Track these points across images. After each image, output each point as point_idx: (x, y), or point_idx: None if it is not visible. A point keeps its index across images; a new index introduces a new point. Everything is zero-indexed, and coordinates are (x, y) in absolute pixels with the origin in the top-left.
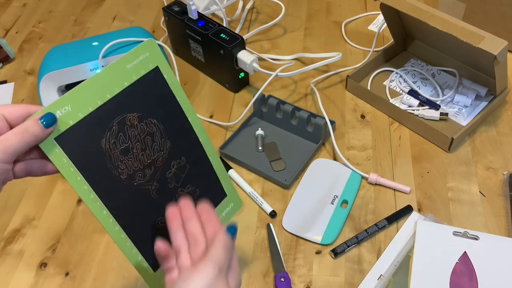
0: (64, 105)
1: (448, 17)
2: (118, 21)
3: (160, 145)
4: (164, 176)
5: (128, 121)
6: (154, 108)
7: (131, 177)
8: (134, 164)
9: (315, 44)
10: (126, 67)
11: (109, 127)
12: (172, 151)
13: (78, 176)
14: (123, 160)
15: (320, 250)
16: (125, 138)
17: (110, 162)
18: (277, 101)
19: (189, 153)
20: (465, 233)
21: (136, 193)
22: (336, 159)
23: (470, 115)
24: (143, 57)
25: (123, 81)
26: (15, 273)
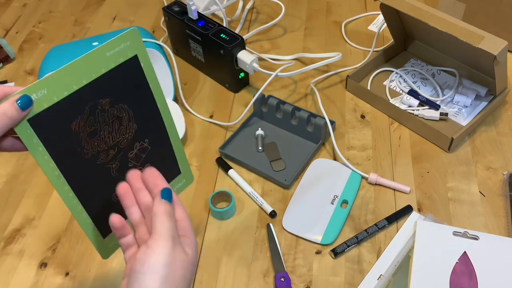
0: (40, 89)
1: (448, 17)
2: (118, 21)
3: (127, 128)
4: (126, 156)
5: (99, 106)
6: (126, 94)
7: (95, 157)
8: (100, 146)
9: (315, 44)
10: (105, 55)
11: (80, 111)
12: (137, 134)
13: (46, 155)
14: (89, 142)
15: (320, 250)
16: (94, 122)
17: (77, 143)
18: (277, 101)
19: (152, 136)
20: (465, 233)
21: (97, 171)
22: (336, 159)
23: (470, 115)
24: (124, 45)
25: (101, 67)
26: (15, 273)
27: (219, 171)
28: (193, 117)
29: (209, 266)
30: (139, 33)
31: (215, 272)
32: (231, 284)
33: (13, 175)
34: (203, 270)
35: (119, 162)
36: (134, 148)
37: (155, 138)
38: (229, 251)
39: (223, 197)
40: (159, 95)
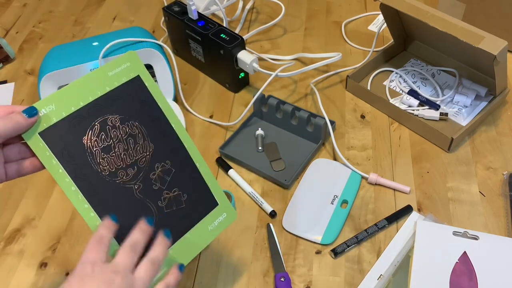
0: (49, 104)
1: (448, 17)
2: (118, 21)
3: (143, 147)
4: (148, 177)
5: (109, 122)
6: (135, 112)
7: (113, 175)
8: (117, 162)
9: (315, 44)
10: (107, 74)
11: (90, 126)
12: (156, 154)
13: (60, 168)
14: (105, 158)
15: (320, 250)
16: (107, 137)
17: (91, 157)
18: (277, 101)
19: (174, 158)
20: (465, 233)
21: (118, 190)
22: (336, 159)
23: (470, 115)
24: (124, 66)
25: (105, 86)
26: (16, 273)
27: (219, 171)
28: (193, 117)
29: (209, 266)
30: (137, 55)
31: (215, 272)
32: (231, 284)
33: None
34: (203, 270)
35: (141, 183)
36: (156, 169)
37: (177, 160)
38: (229, 251)
39: None
40: (171, 115)
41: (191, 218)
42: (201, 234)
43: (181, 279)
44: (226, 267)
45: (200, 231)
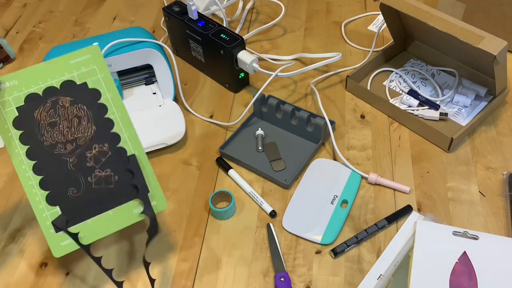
0: (13, 79)
1: (447, 17)
2: (118, 21)
3: (86, 128)
4: (84, 155)
5: (60, 102)
6: (86, 98)
7: (53, 146)
8: (58, 137)
9: (315, 44)
10: (69, 62)
11: (43, 103)
12: (96, 136)
13: (10, 132)
14: (49, 131)
15: (320, 250)
16: (54, 114)
17: (38, 129)
18: (277, 101)
19: (112, 142)
20: (464, 233)
21: (54, 160)
22: (336, 159)
23: (470, 115)
24: (85, 57)
25: (64, 71)
26: (16, 272)
27: (219, 171)
28: (193, 117)
29: (209, 266)
30: (98, 49)
31: (215, 272)
32: (231, 284)
33: (13, 175)
34: (203, 270)
35: (76, 157)
36: (93, 149)
37: (114, 144)
38: (229, 251)
39: (223, 197)
40: (118, 105)
41: (118, 199)
42: (124, 214)
43: (181, 279)
44: (226, 267)
45: (124, 212)
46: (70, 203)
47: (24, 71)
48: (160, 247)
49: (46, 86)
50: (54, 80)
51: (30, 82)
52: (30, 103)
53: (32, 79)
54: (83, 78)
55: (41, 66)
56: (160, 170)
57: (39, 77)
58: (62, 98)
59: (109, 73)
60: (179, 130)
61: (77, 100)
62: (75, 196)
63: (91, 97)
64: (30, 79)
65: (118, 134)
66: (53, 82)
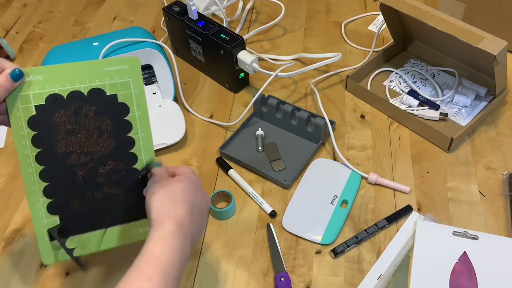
0: (38, 74)
1: (447, 17)
2: (118, 21)
3: (105, 142)
4: (96, 169)
5: (84, 110)
6: (112, 111)
7: (66, 155)
8: (74, 146)
9: (315, 44)
10: (103, 69)
11: (65, 106)
12: (113, 152)
13: (23, 131)
14: (65, 138)
15: (320, 250)
16: (75, 122)
17: (54, 133)
18: (277, 101)
19: (128, 163)
20: (464, 233)
21: (64, 170)
22: (336, 159)
23: (470, 115)
24: (122, 67)
25: (96, 78)
26: (16, 273)
27: (219, 171)
28: (193, 117)
29: (209, 266)
30: (139, 62)
31: (215, 272)
32: (231, 284)
33: (13, 175)
34: (203, 270)
35: (88, 171)
36: (107, 165)
37: (130, 166)
38: (229, 251)
39: (223, 197)
40: (144, 126)
41: (120, 217)
42: (123, 234)
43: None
44: (226, 267)
45: (123, 231)
46: (71, 215)
47: (52, 67)
48: None
49: (72, 90)
50: (82, 84)
51: (56, 81)
52: (51, 105)
53: (59, 78)
54: (114, 89)
55: (72, 66)
56: None
57: (67, 77)
58: (87, 107)
59: (143, 90)
60: (179, 130)
61: (102, 112)
62: (77, 209)
63: (118, 112)
64: (57, 77)
65: (136, 155)
66: (81, 86)
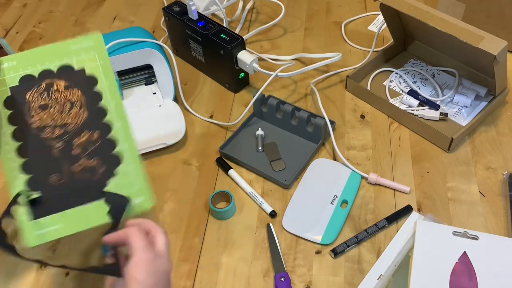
0: (12, 60)
1: (447, 17)
2: (118, 21)
3: (77, 114)
4: (71, 141)
5: (55, 85)
6: (82, 83)
7: (40, 129)
8: (47, 120)
9: (315, 44)
10: (70, 47)
11: (37, 84)
12: (86, 123)
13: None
14: (39, 113)
15: (320, 250)
16: (47, 97)
17: (27, 110)
18: (277, 101)
19: (103, 132)
20: (464, 233)
21: (40, 144)
22: (336, 159)
23: (470, 115)
24: (87, 44)
25: (63, 57)
26: (16, 273)
27: (219, 171)
28: (193, 117)
29: (209, 266)
30: (101, 36)
31: (215, 272)
32: (231, 284)
33: None
34: (203, 270)
35: (63, 143)
36: (81, 136)
37: (105, 134)
38: (229, 251)
39: (223, 197)
40: (113, 95)
41: (101, 191)
42: (104, 208)
43: (181, 279)
44: (226, 267)
45: (104, 205)
46: (51, 190)
47: (23, 53)
48: None
49: (43, 69)
50: (52, 63)
51: (28, 64)
52: (24, 84)
53: (30, 61)
54: (82, 63)
55: (41, 49)
56: (160, 170)
57: (38, 59)
58: (57, 81)
59: (109, 61)
60: (179, 130)
61: (72, 85)
62: (57, 184)
63: (87, 83)
64: (28, 61)
65: (110, 124)
66: (51, 65)
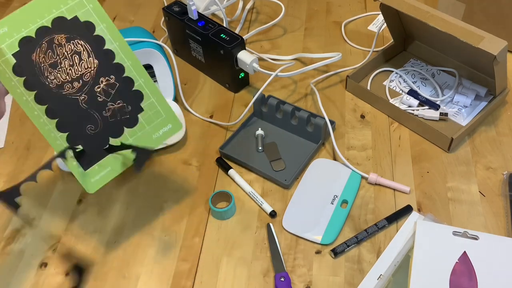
0: (2, 27)
1: (447, 17)
2: (118, 21)
3: (88, 63)
4: (93, 90)
5: (56, 40)
6: (80, 31)
7: (60, 87)
8: (63, 76)
9: (315, 44)
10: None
11: (38, 45)
12: (100, 69)
13: (12, 81)
14: (52, 72)
15: (320, 250)
16: (53, 54)
17: (39, 72)
18: (277, 101)
19: (117, 73)
20: (464, 233)
21: (65, 101)
22: (336, 159)
23: (470, 115)
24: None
25: (52, 9)
26: (16, 273)
27: (219, 171)
28: (193, 117)
29: (209, 266)
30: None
31: (215, 272)
32: (231, 284)
33: (13, 175)
34: (203, 270)
35: (86, 95)
36: (100, 83)
37: (121, 75)
38: (229, 251)
39: (223, 197)
40: (114, 35)
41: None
42: (145, 140)
43: (181, 279)
44: (226, 267)
45: (144, 138)
46: (91, 140)
47: (11, 15)
48: (160, 247)
49: (38, 27)
50: (43, 19)
51: (21, 26)
52: (25, 47)
53: (21, 23)
54: (73, 12)
55: (27, 7)
56: (160, 170)
57: (28, 19)
58: (56, 36)
59: (97, 3)
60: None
61: (72, 36)
62: (94, 133)
63: (85, 30)
64: (19, 23)
65: (121, 64)
66: (43, 21)
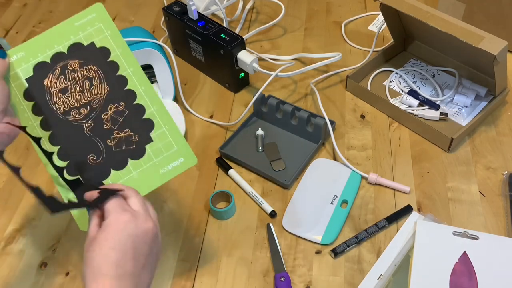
0: (20, 51)
1: (447, 17)
2: (118, 21)
3: (98, 88)
4: (100, 117)
5: (69, 66)
6: (95, 57)
7: (67, 113)
8: (71, 102)
9: (315, 44)
10: (74, 25)
11: (52, 70)
12: (110, 96)
13: (22, 105)
14: (61, 98)
15: (320, 250)
16: (65, 80)
17: (49, 97)
18: (277, 101)
19: (128, 100)
20: (464, 233)
21: (69, 127)
22: (336, 159)
23: (470, 115)
24: (90, 17)
25: (70, 35)
26: (16, 273)
27: (219, 171)
28: (193, 117)
29: (209, 266)
30: (103, 7)
31: (215, 272)
32: (231, 284)
33: (13, 175)
34: (203, 270)
35: (92, 122)
36: (109, 109)
37: (131, 102)
38: (229, 251)
39: (223, 197)
40: (130, 61)
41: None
42: (150, 176)
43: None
44: (226, 267)
45: (149, 172)
46: (92, 170)
47: (30, 41)
48: None
49: (54, 53)
50: (61, 45)
51: (37, 51)
52: (39, 72)
53: (39, 48)
54: (90, 38)
55: (47, 34)
56: None
57: (46, 45)
58: (70, 62)
59: (116, 29)
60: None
61: (86, 62)
62: (96, 163)
63: (100, 56)
64: (37, 48)
65: (133, 91)
66: (60, 47)
